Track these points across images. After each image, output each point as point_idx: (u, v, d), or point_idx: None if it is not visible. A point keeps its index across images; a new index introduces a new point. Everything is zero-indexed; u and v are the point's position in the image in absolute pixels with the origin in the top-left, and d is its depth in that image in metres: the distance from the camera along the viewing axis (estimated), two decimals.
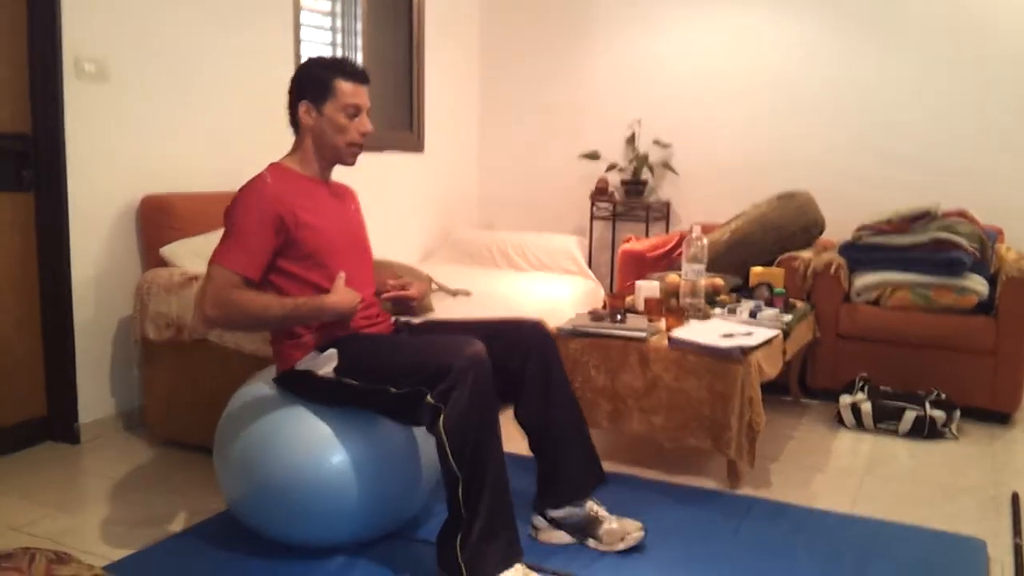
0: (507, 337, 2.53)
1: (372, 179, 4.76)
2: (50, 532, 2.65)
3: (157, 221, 3.49)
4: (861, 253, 4.17)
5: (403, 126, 5.47)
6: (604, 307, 3.60)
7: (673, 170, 5.47)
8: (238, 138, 4.07)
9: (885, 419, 3.71)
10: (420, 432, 2.48)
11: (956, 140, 4.77)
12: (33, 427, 3.41)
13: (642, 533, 2.53)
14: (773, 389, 4.07)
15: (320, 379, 2.41)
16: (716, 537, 2.65)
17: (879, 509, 2.92)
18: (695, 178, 5.47)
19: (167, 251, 3.40)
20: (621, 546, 2.52)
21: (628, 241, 4.90)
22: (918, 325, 3.95)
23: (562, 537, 2.59)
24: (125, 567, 2.39)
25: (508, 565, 2.21)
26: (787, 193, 4.44)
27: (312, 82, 2.50)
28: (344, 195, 2.70)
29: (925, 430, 3.65)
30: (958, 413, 3.74)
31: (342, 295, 2.39)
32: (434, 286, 4.09)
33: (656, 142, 5.47)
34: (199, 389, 3.27)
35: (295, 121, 2.55)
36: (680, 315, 3.35)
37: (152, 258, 3.48)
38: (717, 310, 3.57)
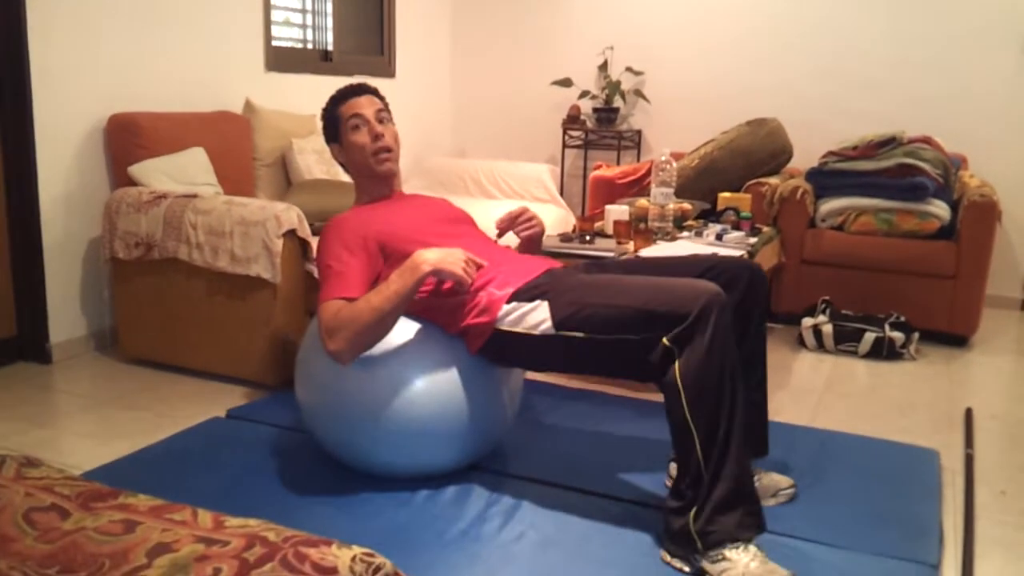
0: (721, 275, 2.25)
1: None
2: (23, 445, 2.68)
3: (124, 140, 3.47)
4: (827, 179, 4.22)
5: (374, 50, 5.42)
6: (574, 231, 3.64)
7: (645, 98, 5.47)
8: (206, 56, 4.03)
9: (845, 340, 3.80)
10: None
11: (924, 69, 4.80)
12: (4, 347, 3.42)
13: (793, 490, 2.38)
14: None
15: (538, 339, 2.16)
16: None
17: (837, 422, 3.02)
18: (667, 106, 5.48)
19: (135, 170, 3.39)
20: (772, 502, 2.33)
21: (599, 168, 4.92)
22: (881, 249, 4.03)
23: None
24: (100, 476, 2.43)
25: (746, 537, 1.95)
26: (756, 120, 4.47)
27: (325, 127, 2.56)
28: (418, 197, 2.65)
29: (884, 351, 3.74)
30: (916, 335, 3.84)
31: (432, 248, 2.23)
32: None
33: (628, 69, 5.45)
34: (169, 307, 3.29)
35: (343, 166, 2.59)
36: (648, 237, 3.40)
37: (120, 177, 3.47)
38: (685, 233, 3.62)
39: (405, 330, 2.30)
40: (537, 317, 2.16)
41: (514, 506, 2.30)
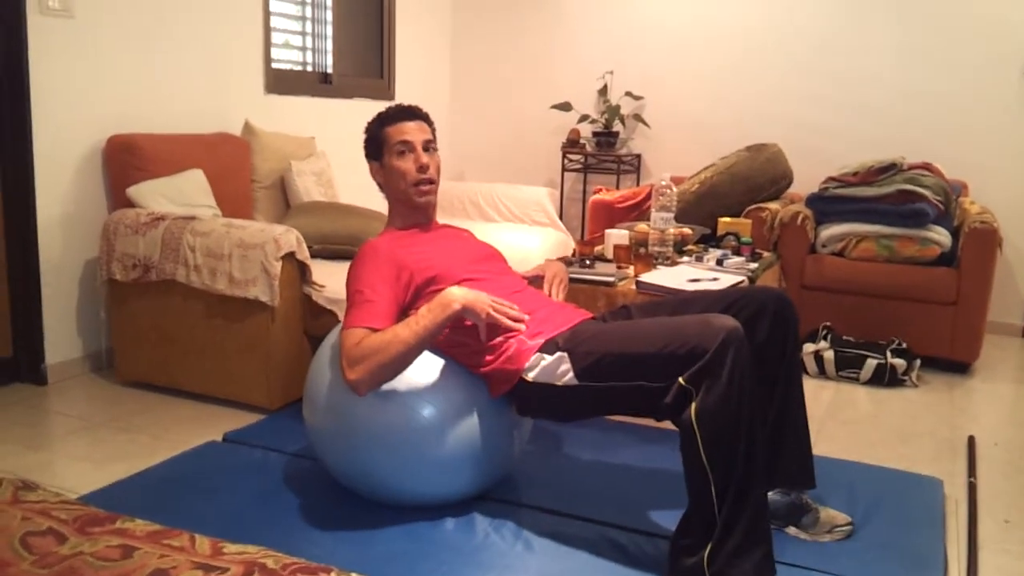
0: (745, 307, 2.22)
1: (342, 127, 4.74)
2: (17, 468, 2.65)
3: (123, 161, 3.46)
4: (827, 205, 4.21)
5: (374, 73, 5.43)
6: (574, 254, 3.62)
7: (645, 122, 5.48)
8: (206, 78, 4.03)
9: (847, 367, 3.78)
10: None
11: (924, 95, 4.82)
12: None
13: (851, 527, 2.31)
14: None
15: (561, 390, 2.14)
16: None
17: (838, 450, 2.99)
18: (667, 131, 5.49)
19: (133, 191, 3.38)
20: (827, 538, 2.28)
21: (598, 192, 4.92)
22: (881, 276, 4.02)
23: None
24: (96, 499, 2.39)
25: None
26: (756, 145, 4.47)
27: (368, 143, 2.50)
28: (449, 228, 2.62)
29: (886, 378, 3.72)
30: (918, 362, 3.82)
31: (461, 288, 2.23)
32: None
33: (628, 94, 5.47)
34: (166, 330, 3.27)
35: (380, 186, 2.53)
36: (648, 262, 3.38)
37: (118, 198, 3.46)
38: (685, 258, 3.61)
39: (418, 361, 2.25)
40: (559, 368, 2.14)
41: (517, 535, 2.27)
